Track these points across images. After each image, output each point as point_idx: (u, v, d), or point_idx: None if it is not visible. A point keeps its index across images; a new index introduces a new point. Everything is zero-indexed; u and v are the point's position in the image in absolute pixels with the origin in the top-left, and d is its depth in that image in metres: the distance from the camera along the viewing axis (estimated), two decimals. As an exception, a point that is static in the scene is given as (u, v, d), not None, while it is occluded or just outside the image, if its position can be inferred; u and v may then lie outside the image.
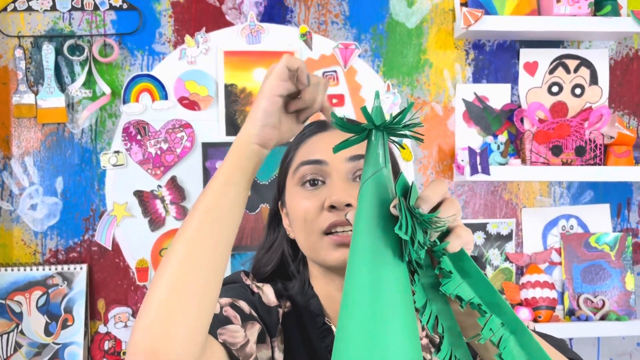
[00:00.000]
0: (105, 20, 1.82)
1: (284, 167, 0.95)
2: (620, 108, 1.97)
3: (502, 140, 1.90)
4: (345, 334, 0.59)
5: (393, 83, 1.90)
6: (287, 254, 0.97)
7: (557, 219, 1.95)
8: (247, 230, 1.86)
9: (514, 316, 0.63)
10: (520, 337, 0.63)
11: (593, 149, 1.86)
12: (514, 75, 1.94)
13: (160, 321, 0.64)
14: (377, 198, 0.62)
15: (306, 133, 0.94)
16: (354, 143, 0.63)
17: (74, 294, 1.78)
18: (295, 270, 0.96)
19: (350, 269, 0.61)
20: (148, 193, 1.82)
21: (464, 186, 1.92)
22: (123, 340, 1.81)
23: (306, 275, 0.95)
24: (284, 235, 0.98)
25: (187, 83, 1.83)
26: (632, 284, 1.94)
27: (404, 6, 1.90)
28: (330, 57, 1.87)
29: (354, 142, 0.63)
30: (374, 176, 0.63)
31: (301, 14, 1.88)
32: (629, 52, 1.97)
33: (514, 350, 0.63)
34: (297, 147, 0.94)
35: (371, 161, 0.64)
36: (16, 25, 1.79)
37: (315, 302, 0.90)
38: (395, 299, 0.60)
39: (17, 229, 1.80)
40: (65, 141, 1.81)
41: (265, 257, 0.99)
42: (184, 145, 1.83)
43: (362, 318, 0.59)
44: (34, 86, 1.79)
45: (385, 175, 0.63)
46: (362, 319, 0.59)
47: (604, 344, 1.97)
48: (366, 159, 0.64)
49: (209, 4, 1.85)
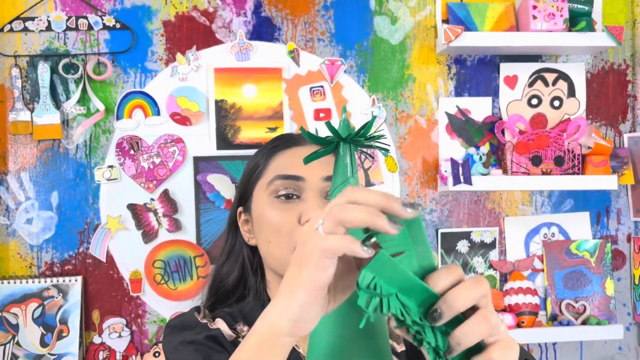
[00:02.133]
0: (99, 40, 1.88)
1: (253, 176, 0.97)
2: (597, 119, 2.04)
3: (484, 151, 1.96)
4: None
5: (378, 97, 1.96)
6: (247, 260, 0.99)
7: (538, 227, 2.01)
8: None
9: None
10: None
11: (571, 159, 1.93)
12: (494, 89, 2.01)
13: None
14: None
15: (279, 145, 0.97)
16: (322, 155, 0.69)
17: (69, 305, 1.82)
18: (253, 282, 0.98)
19: None
20: (141, 206, 1.87)
21: (448, 196, 1.98)
22: (117, 350, 1.86)
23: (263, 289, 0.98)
24: (243, 241, 1.00)
25: (178, 99, 1.89)
26: (612, 290, 2.00)
27: (387, 23, 1.98)
28: (317, 73, 1.94)
29: (322, 154, 0.69)
30: (342, 186, 0.68)
31: (288, 32, 1.94)
32: (604, 66, 2.05)
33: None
34: (268, 157, 0.96)
35: (339, 172, 0.69)
36: (12, 45, 1.85)
37: None
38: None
39: (13, 242, 1.85)
40: (60, 157, 1.87)
41: (226, 266, 1.00)
42: (176, 160, 1.88)
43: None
44: (29, 104, 1.85)
45: (352, 185, 0.69)
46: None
47: (587, 349, 2.02)
48: (335, 170, 0.70)
49: (199, 22, 1.91)
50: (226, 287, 1.00)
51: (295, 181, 0.91)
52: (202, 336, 0.90)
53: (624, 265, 2.05)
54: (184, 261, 1.88)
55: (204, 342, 0.89)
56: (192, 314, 0.96)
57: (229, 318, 0.95)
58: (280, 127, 1.92)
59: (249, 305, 0.96)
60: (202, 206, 1.89)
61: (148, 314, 1.88)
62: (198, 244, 1.89)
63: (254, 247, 0.99)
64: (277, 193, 0.92)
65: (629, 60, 2.05)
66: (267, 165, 0.96)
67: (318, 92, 1.94)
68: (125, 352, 1.86)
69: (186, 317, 0.96)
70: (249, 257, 1.00)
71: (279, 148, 0.97)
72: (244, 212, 0.99)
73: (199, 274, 1.88)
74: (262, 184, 0.95)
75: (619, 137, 2.05)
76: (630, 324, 2.04)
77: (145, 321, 1.88)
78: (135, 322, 1.87)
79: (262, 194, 0.94)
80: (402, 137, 1.97)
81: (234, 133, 1.91)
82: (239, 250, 1.00)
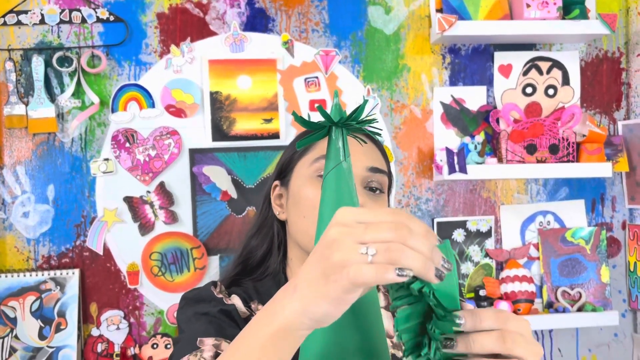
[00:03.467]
0: (93, 33, 1.88)
1: (298, 152, 0.97)
2: (591, 107, 2.05)
3: (479, 140, 1.97)
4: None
5: (373, 87, 1.96)
6: (275, 235, 1.00)
7: (534, 215, 2.02)
8: (235, 233, 1.91)
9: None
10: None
11: (566, 147, 1.94)
12: (489, 78, 2.01)
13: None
14: (337, 189, 0.68)
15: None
16: (314, 139, 0.70)
17: (66, 298, 1.82)
18: (275, 259, 0.99)
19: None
20: (137, 199, 1.88)
21: (444, 185, 1.99)
22: (115, 342, 1.86)
23: (282, 269, 0.99)
24: (274, 216, 1.01)
25: (173, 91, 1.89)
26: (607, 277, 2.01)
27: (381, 13, 1.98)
28: (311, 63, 1.94)
29: (315, 138, 0.70)
30: (334, 169, 0.69)
31: (282, 23, 1.94)
32: (598, 54, 2.05)
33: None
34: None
35: (332, 156, 0.70)
36: (6, 38, 1.85)
37: None
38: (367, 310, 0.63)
39: (10, 236, 1.85)
40: (55, 150, 1.87)
41: (255, 239, 1.01)
42: (172, 152, 1.88)
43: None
44: (24, 97, 1.85)
45: (344, 168, 0.70)
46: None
47: (583, 335, 2.04)
48: (327, 153, 0.71)
49: (193, 14, 1.91)
50: (254, 259, 1.01)
51: None
52: (216, 309, 0.90)
53: (619, 253, 2.06)
54: (180, 253, 1.89)
55: (217, 315, 0.90)
56: (209, 288, 0.97)
57: (244, 295, 0.96)
58: (275, 118, 1.92)
59: (266, 285, 0.97)
60: (198, 198, 1.90)
61: (146, 306, 1.88)
62: (195, 236, 1.89)
63: (282, 223, 0.99)
64: (321, 172, 0.91)
65: (622, 48, 2.06)
66: (316, 143, 0.93)
67: (313, 83, 1.94)
68: (124, 344, 1.87)
69: (202, 291, 0.97)
70: (278, 233, 1.00)
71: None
72: (280, 185, 1.00)
73: (196, 265, 1.89)
74: (306, 160, 0.95)
75: (613, 125, 2.06)
76: (625, 310, 2.06)
77: (143, 313, 1.88)
78: (133, 315, 1.88)
79: (304, 170, 0.94)
80: (397, 127, 1.97)
81: (229, 125, 1.91)
82: (270, 225, 1.01)
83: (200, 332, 0.86)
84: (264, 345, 0.57)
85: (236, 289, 0.99)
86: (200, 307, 0.92)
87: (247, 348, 0.59)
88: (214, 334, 0.86)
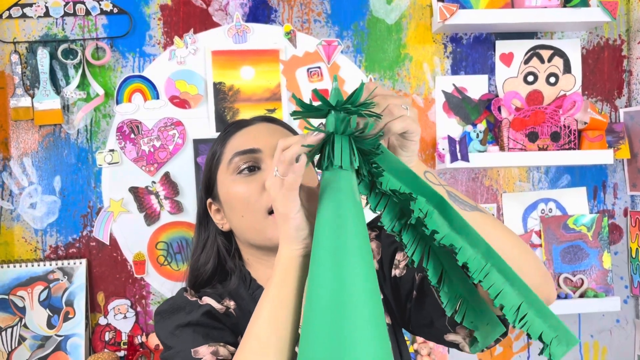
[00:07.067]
0: (97, 25, 1.89)
1: (213, 164, 1.01)
2: (592, 95, 2.06)
3: (481, 128, 1.98)
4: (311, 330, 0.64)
5: (375, 77, 1.98)
6: (222, 247, 1.02)
7: (536, 203, 2.03)
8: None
9: (433, 192, 0.74)
10: (442, 209, 0.73)
11: (568, 135, 1.95)
12: (490, 66, 2.02)
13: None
14: (337, 187, 0.71)
15: (230, 130, 1.01)
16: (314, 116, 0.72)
17: (74, 287, 1.85)
18: (232, 265, 1.01)
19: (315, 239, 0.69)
20: (143, 189, 1.90)
21: (446, 174, 2.00)
22: (123, 331, 1.89)
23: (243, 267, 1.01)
24: (215, 231, 1.03)
25: (177, 82, 1.91)
26: (609, 263, 2.02)
27: (383, 3, 1.99)
28: (314, 54, 1.95)
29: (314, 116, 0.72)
30: (334, 170, 0.71)
31: (285, 14, 1.96)
32: (599, 41, 2.06)
33: (438, 220, 0.72)
34: (223, 144, 1.00)
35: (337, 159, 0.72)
36: (11, 31, 1.87)
37: (260, 293, 0.88)
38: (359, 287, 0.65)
39: (17, 227, 1.88)
40: (61, 141, 1.89)
41: (203, 256, 1.03)
42: (176, 142, 1.90)
43: (327, 309, 0.63)
44: (30, 90, 1.87)
45: (349, 173, 0.73)
46: (327, 310, 0.63)
47: (585, 321, 2.05)
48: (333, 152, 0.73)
49: (196, 6, 1.93)
50: (204, 276, 1.03)
51: (253, 154, 0.96)
52: (197, 315, 0.92)
53: (620, 239, 2.07)
54: (186, 242, 1.91)
55: (200, 320, 0.91)
56: (182, 293, 0.99)
57: (215, 295, 0.98)
58: (278, 108, 1.93)
59: (234, 284, 0.99)
60: (203, 188, 1.91)
61: (152, 294, 1.91)
62: (200, 226, 1.91)
63: (227, 234, 1.02)
64: (239, 169, 0.96)
65: (624, 35, 2.07)
66: (224, 149, 1.00)
67: (315, 73, 1.95)
68: (131, 332, 1.89)
69: (175, 299, 0.99)
70: (224, 245, 1.03)
71: (231, 132, 1.01)
72: (213, 202, 1.03)
73: (201, 254, 1.91)
74: (223, 167, 0.99)
75: (614, 112, 2.06)
76: (627, 296, 2.07)
77: (150, 302, 1.91)
78: (139, 303, 1.91)
79: (225, 176, 0.98)
80: (400, 116, 1.98)
81: (232, 115, 1.92)
82: (213, 241, 1.04)
83: (189, 343, 0.88)
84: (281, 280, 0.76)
85: (205, 290, 1.00)
86: (179, 318, 0.93)
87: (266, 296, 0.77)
88: (203, 342, 0.87)
